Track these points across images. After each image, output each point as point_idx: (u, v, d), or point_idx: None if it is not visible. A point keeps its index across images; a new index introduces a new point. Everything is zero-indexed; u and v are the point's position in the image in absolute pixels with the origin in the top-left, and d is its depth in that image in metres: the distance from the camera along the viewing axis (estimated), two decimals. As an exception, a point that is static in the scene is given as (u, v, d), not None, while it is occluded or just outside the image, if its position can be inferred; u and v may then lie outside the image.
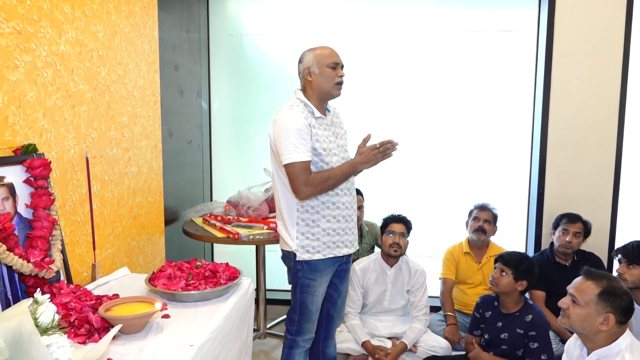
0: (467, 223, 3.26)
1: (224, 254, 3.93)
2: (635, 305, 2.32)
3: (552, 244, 3.12)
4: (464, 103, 3.65)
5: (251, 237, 2.79)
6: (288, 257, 2.23)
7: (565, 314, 1.86)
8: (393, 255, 2.95)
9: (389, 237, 2.94)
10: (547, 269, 3.02)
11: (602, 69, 3.21)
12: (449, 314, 3.11)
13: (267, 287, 3.45)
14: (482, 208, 3.21)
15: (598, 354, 1.80)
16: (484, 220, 3.16)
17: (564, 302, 1.87)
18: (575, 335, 1.96)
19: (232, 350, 1.84)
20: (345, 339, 2.91)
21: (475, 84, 3.63)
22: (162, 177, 2.91)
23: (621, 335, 1.78)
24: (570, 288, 1.88)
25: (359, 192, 3.27)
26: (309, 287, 2.20)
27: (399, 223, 2.94)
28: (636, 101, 3.35)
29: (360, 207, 3.27)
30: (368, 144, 2.16)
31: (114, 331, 1.42)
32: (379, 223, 3.11)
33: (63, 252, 1.83)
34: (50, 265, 1.67)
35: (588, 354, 1.84)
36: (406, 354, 2.89)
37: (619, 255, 2.44)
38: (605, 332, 1.78)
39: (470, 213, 3.25)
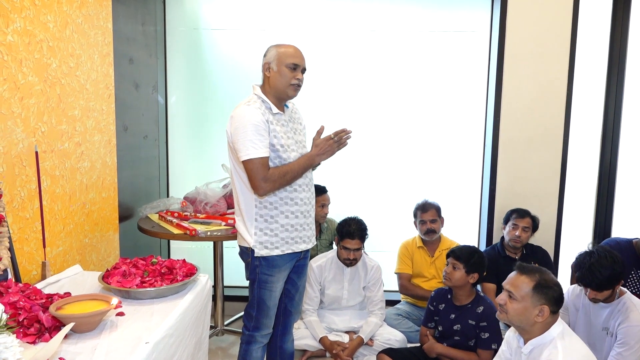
0: (415, 223, 3.33)
1: (181, 250, 3.88)
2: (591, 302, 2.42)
3: (502, 238, 3.24)
4: (420, 101, 3.73)
5: (209, 233, 2.76)
6: (246, 253, 2.22)
7: (503, 309, 1.93)
8: (347, 265, 2.99)
9: (343, 251, 2.95)
10: (497, 262, 3.13)
11: (549, 71, 3.35)
12: (422, 296, 3.17)
13: (225, 284, 3.42)
14: (424, 209, 3.25)
15: (533, 343, 1.90)
16: (430, 221, 3.22)
17: (501, 298, 1.95)
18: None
19: (188, 347, 1.82)
20: (302, 336, 2.93)
21: (430, 83, 3.71)
22: (117, 173, 2.84)
23: (553, 325, 1.89)
24: (505, 284, 1.96)
25: (325, 191, 3.28)
26: (267, 282, 2.21)
27: (353, 239, 2.89)
28: (581, 102, 3.52)
29: (324, 206, 3.27)
30: (322, 136, 2.18)
31: (65, 330, 1.39)
32: (337, 219, 3.14)
33: (11, 249, 1.77)
34: (-3, 264, 1.61)
35: (524, 344, 1.93)
36: (363, 348, 2.94)
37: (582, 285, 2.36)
38: (540, 323, 1.88)
39: (415, 215, 3.30)
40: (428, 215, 3.23)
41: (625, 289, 2.40)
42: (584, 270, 2.30)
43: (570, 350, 1.81)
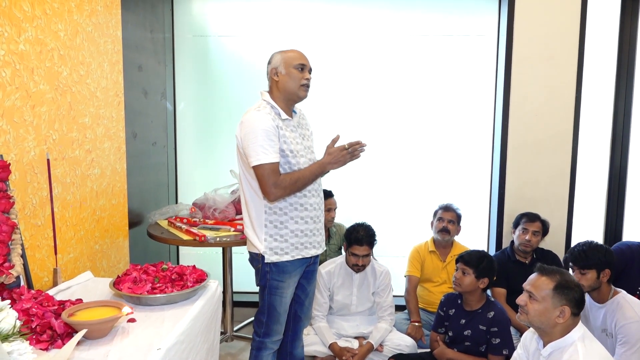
0: (432, 223, 3.32)
1: (189, 256, 3.89)
2: (591, 303, 2.43)
3: (512, 242, 3.22)
4: (429, 105, 3.73)
5: (218, 239, 2.77)
6: (256, 259, 2.22)
7: (524, 310, 1.93)
8: (356, 271, 2.98)
9: (352, 257, 2.94)
10: (507, 267, 3.11)
11: (558, 74, 3.34)
12: (412, 312, 3.16)
13: (234, 290, 3.43)
14: (446, 209, 3.28)
15: (553, 346, 1.88)
16: (447, 221, 3.23)
17: (521, 299, 1.94)
18: (531, 329, 2.03)
19: (200, 354, 1.82)
20: (312, 342, 2.92)
21: (439, 87, 3.71)
22: (126, 179, 2.86)
23: (574, 328, 1.87)
24: (526, 285, 1.95)
25: (331, 195, 3.28)
26: (277, 288, 2.21)
27: (362, 245, 2.88)
28: (590, 105, 3.50)
29: (330, 210, 3.27)
30: (337, 145, 2.18)
31: (78, 336, 1.39)
32: (346, 224, 3.13)
33: (23, 256, 1.78)
34: (10, 271, 1.62)
35: (544, 347, 1.92)
36: (373, 354, 2.93)
37: (570, 263, 2.44)
38: (561, 325, 1.86)
39: (435, 213, 3.32)
40: (448, 215, 3.23)
41: (619, 289, 2.39)
42: (574, 252, 2.42)
43: (591, 354, 1.79)
